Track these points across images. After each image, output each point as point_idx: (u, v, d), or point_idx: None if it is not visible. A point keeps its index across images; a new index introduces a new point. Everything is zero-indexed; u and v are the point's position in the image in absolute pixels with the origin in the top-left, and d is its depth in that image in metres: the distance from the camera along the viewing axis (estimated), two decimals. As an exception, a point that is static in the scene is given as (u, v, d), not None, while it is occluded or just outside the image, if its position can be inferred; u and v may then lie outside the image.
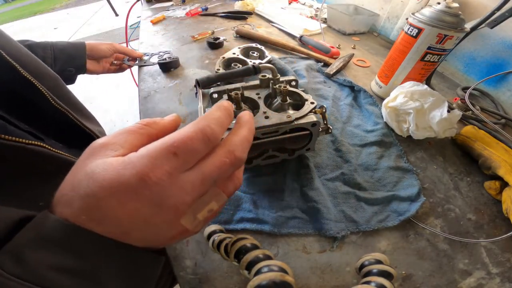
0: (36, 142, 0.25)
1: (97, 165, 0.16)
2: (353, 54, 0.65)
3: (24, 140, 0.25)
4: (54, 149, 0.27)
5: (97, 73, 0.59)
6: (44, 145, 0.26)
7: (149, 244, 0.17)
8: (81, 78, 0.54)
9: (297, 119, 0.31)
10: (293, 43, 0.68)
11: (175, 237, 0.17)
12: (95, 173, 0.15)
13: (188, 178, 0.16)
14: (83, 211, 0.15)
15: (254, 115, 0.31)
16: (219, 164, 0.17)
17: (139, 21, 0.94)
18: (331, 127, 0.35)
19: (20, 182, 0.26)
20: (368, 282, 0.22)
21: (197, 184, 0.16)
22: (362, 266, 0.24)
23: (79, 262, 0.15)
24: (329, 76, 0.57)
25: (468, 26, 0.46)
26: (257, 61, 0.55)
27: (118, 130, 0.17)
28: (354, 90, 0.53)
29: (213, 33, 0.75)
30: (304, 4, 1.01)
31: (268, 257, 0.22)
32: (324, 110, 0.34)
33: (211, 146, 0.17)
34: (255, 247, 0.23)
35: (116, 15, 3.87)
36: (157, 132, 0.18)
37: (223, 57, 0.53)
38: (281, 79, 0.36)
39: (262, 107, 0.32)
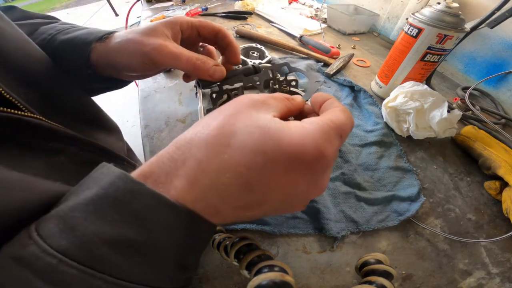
0: (32, 115, 0.20)
1: (268, 120, 0.14)
2: (353, 54, 0.65)
3: (18, 112, 0.19)
4: (53, 123, 0.22)
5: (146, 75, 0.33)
6: (43, 118, 0.21)
7: (244, 219, 0.16)
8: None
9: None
10: (293, 43, 0.68)
11: (280, 214, 0.17)
12: (271, 129, 0.14)
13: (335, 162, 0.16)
14: (239, 168, 0.13)
15: None
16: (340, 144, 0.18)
17: (139, 21, 0.94)
18: (331, 127, 0.35)
19: (24, 163, 0.21)
20: (368, 282, 0.22)
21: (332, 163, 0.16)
22: (362, 266, 0.24)
23: (143, 234, 0.12)
24: (329, 76, 0.57)
25: (468, 26, 0.46)
26: (257, 61, 0.55)
27: (261, 94, 0.17)
28: (354, 90, 0.53)
29: (213, 33, 0.75)
30: (304, 4, 1.01)
31: (268, 257, 0.22)
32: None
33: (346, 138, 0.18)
34: (255, 247, 0.23)
35: (116, 15, 3.86)
36: (294, 109, 0.18)
37: (223, 57, 0.53)
38: (281, 79, 0.36)
39: None
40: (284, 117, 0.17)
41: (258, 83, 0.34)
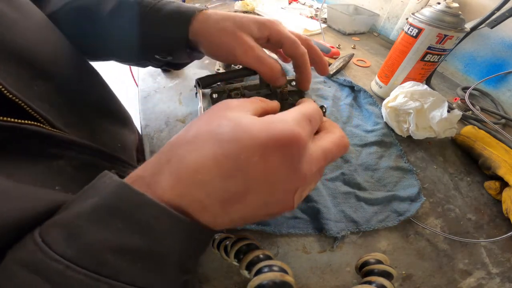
0: (29, 122, 0.20)
1: (241, 116, 0.15)
2: (353, 54, 0.65)
3: (16, 120, 0.18)
4: (52, 129, 0.22)
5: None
6: (40, 124, 0.21)
7: (237, 220, 0.16)
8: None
9: None
10: (293, 43, 0.68)
11: (272, 215, 0.16)
12: (242, 122, 0.15)
13: (314, 149, 0.16)
14: (217, 158, 0.14)
15: None
16: (337, 141, 0.18)
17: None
18: (331, 127, 0.35)
19: (21, 169, 0.20)
20: (368, 282, 0.22)
21: (320, 157, 0.16)
22: (362, 266, 0.24)
23: (147, 242, 0.13)
24: (329, 76, 0.57)
25: (468, 26, 0.46)
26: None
27: (239, 99, 0.18)
28: (354, 90, 0.53)
29: (213, 33, 0.75)
30: (304, 4, 1.01)
31: (268, 257, 0.22)
32: (324, 110, 0.34)
33: (317, 126, 0.18)
34: (255, 247, 0.23)
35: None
36: (269, 109, 0.20)
37: (223, 57, 0.53)
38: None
39: None
40: (261, 116, 0.17)
41: (258, 83, 0.34)
